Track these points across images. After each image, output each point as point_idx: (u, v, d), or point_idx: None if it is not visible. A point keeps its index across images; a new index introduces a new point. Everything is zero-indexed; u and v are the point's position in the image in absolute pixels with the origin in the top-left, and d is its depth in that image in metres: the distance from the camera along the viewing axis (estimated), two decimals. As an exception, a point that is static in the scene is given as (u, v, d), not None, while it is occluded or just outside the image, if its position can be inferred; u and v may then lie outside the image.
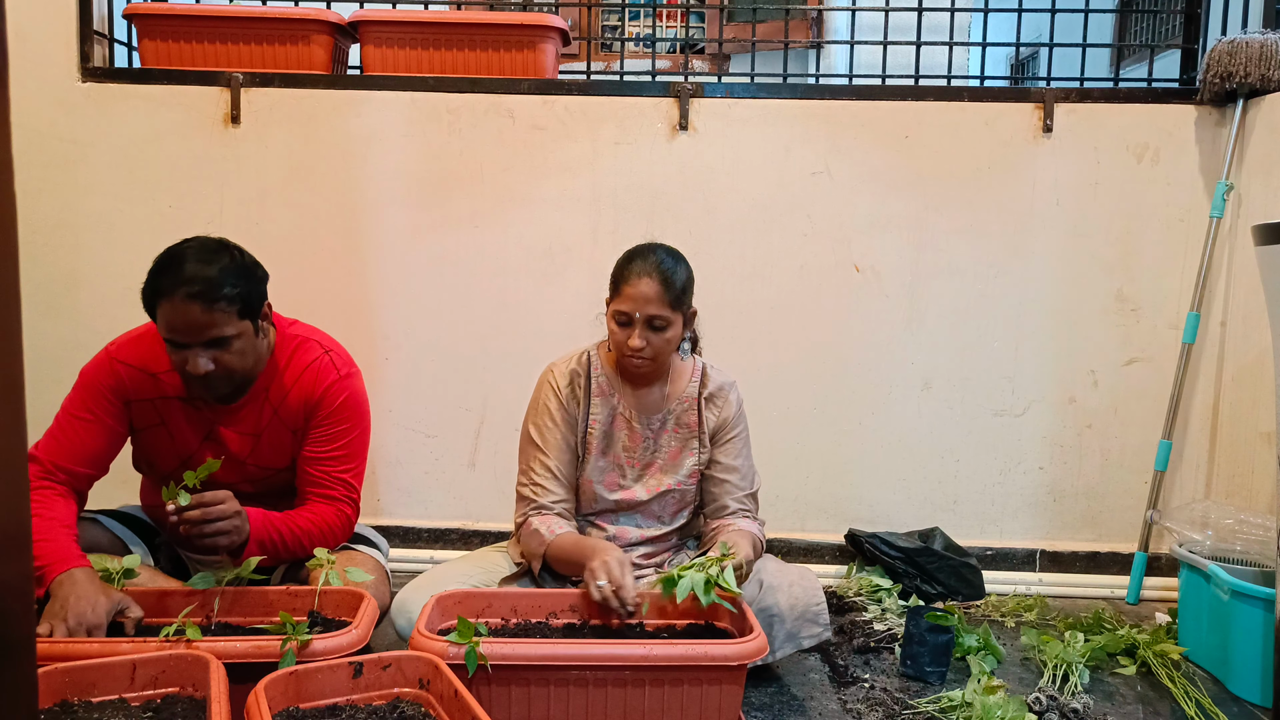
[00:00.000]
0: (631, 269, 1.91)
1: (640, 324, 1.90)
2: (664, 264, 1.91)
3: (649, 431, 2.05)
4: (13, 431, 0.71)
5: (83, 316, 2.62)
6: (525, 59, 2.71)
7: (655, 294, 1.88)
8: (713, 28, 5.17)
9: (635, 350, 1.91)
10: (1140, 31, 7.52)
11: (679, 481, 2.05)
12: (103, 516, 2.05)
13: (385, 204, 2.70)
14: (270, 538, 1.83)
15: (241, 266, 1.83)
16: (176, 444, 1.95)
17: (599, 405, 2.03)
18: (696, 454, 2.06)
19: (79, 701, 1.42)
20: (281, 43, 2.70)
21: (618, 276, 1.94)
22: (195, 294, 1.73)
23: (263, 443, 1.96)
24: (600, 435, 2.03)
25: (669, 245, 1.99)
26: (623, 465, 2.05)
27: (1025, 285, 2.69)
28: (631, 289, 1.89)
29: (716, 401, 2.06)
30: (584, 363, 2.05)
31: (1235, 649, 2.07)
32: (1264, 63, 2.47)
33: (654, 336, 1.91)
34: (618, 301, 1.92)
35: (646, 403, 2.05)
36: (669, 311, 1.90)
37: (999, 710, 1.82)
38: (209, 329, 1.76)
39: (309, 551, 1.85)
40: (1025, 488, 2.76)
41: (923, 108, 2.66)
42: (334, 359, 1.98)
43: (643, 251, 1.95)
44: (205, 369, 1.78)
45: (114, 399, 1.90)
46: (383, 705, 1.47)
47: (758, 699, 1.96)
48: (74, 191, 2.67)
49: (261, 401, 1.94)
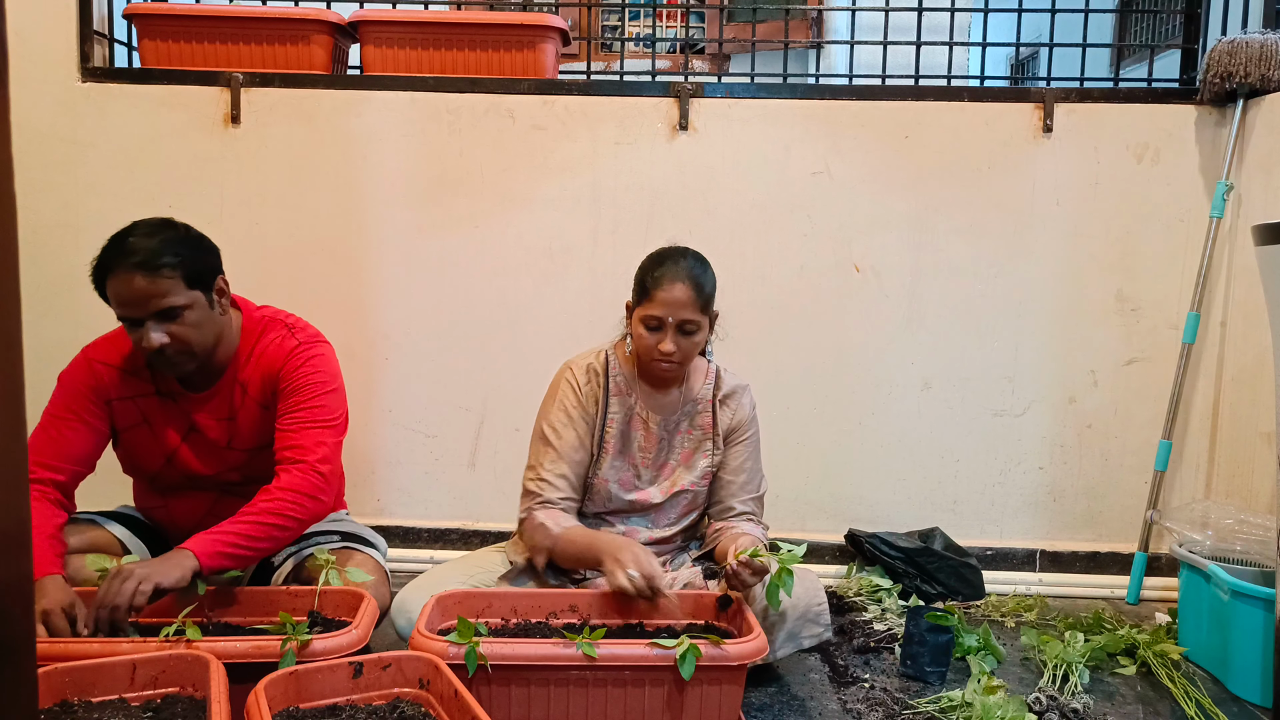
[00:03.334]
0: (663, 274, 1.90)
1: (672, 329, 1.90)
2: (694, 269, 1.92)
3: (664, 432, 2.05)
4: (13, 431, 0.71)
5: (83, 316, 2.62)
6: (525, 59, 2.71)
7: (688, 299, 1.89)
8: (713, 28, 5.17)
9: (667, 355, 1.91)
10: (1140, 31, 7.52)
11: (692, 482, 2.05)
12: (102, 517, 2.05)
13: (385, 204, 2.70)
14: (227, 548, 1.75)
15: (186, 238, 1.85)
16: (159, 440, 1.96)
17: (616, 405, 2.03)
18: (710, 455, 2.06)
19: (79, 701, 1.42)
20: (281, 43, 2.70)
21: (647, 281, 1.92)
22: (137, 264, 1.76)
23: (238, 423, 1.96)
24: (617, 435, 2.03)
25: (693, 249, 1.99)
26: (638, 466, 2.05)
27: (1025, 285, 2.69)
28: (665, 294, 1.88)
29: (730, 404, 2.07)
30: (602, 362, 2.05)
31: (1235, 649, 2.07)
32: (1264, 63, 2.47)
33: (684, 341, 1.92)
34: (648, 306, 1.91)
35: (663, 404, 2.05)
36: (700, 315, 1.91)
37: (999, 710, 1.82)
38: (155, 298, 1.77)
39: (290, 528, 1.82)
40: (1025, 488, 2.76)
41: (923, 108, 2.66)
42: (295, 332, 1.99)
43: (672, 255, 1.95)
44: (159, 342, 1.79)
45: (94, 398, 1.91)
46: (383, 705, 1.47)
47: (758, 699, 1.96)
48: (74, 191, 2.67)
49: (232, 385, 1.95)
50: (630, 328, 1.99)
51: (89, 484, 1.97)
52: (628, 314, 2.01)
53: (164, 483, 2.02)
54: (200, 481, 2.01)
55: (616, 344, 2.09)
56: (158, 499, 2.06)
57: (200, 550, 1.72)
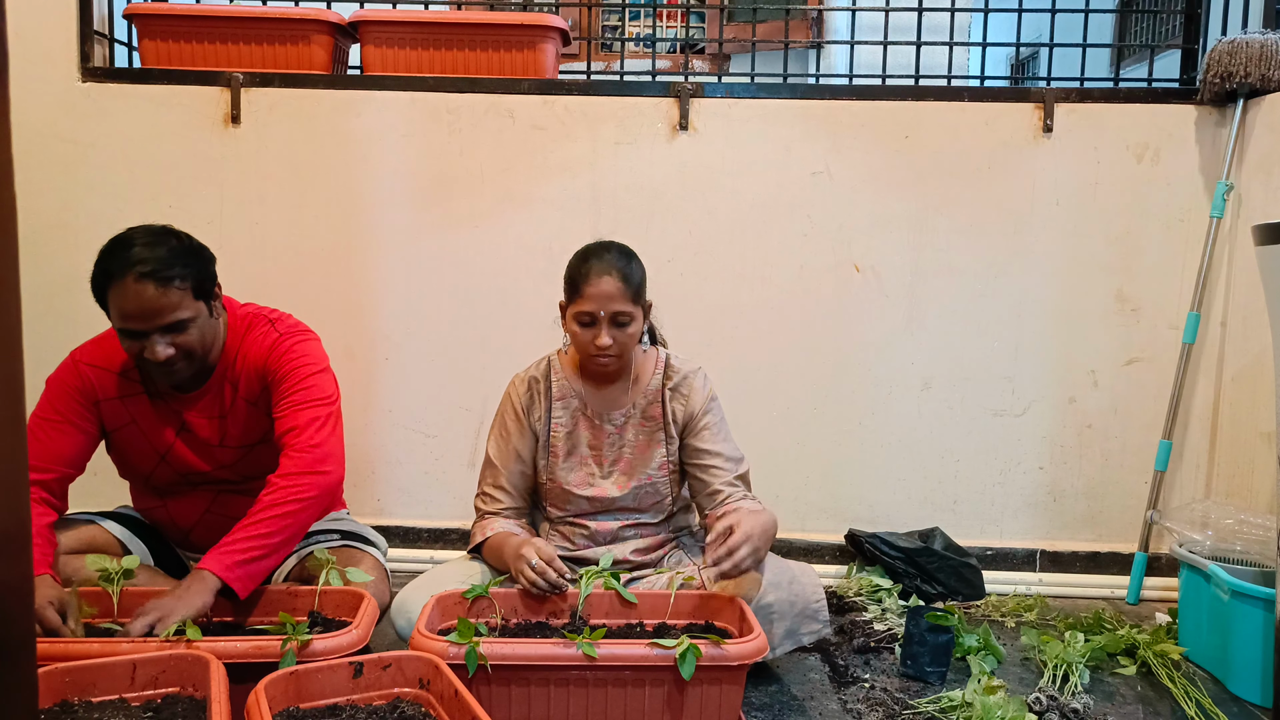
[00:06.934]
0: (589, 269, 1.93)
1: (605, 322, 1.92)
2: (619, 261, 1.95)
3: (613, 428, 2.06)
4: (13, 432, 0.71)
5: (83, 316, 2.61)
6: (525, 59, 2.71)
7: (617, 290, 1.91)
8: (713, 28, 5.18)
9: (603, 349, 1.93)
10: (1140, 31, 7.52)
11: (649, 475, 2.06)
12: (101, 517, 2.05)
13: (385, 204, 2.70)
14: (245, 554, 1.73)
15: (189, 248, 1.84)
16: (151, 441, 1.96)
17: (560, 408, 2.06)
18: (664, 445, 2.06)
19: (79, 701, 1.42)
20: (281, 43, 2.70)
21: (575, 278, 1.95)
22: (147, 274, 1.74)
23: (228, 422, 1.96)
24: (564, 437, 2.05)
25: (617, 241, 2.02)
26: (590, 463, 2.07)
27: (1025, 285, 2.69)
28: (593, 288, 1.91)
29: (682, 390, 2.07)
30: (543, 369, 2.09)
31: (1235, 649, 2.07)
32: (1264, 63, 2.47)
33: (619, 333, 1.94)
34: (579, 303, 1.93)
35: (609, 400, 2.07)
36: (631, 306, 1.94)
37: (999, 710, 1.82)
38: (165, 311, 1.76)
39: (305, 510, 1.80)
40: (1025, 488, 2.76)
41: (923, 108, 2.66)
42: (277, 325, 1.99)
43: (595, 251, 1.97)
44: (165, 355, 1.78)
45: (82, 400, 1.91)
46: (383, 705, 1.47)
47: (758, 699, 1.96)
48: (74, 191, 2.67)
49: (221, 383, 1.95)
50: (566, 327, 2.01)
51: (88, 485, 1.97)
52: (562, 314, 2.02)
53: (159, 483, 2.02)
54: (195, 480, 2.01)
55: (559, 349, 2.11)
56: (155, 500, 2.06)
57: (218, 567, 1.70)
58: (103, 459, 2.00)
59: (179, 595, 1.66)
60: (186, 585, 1.68)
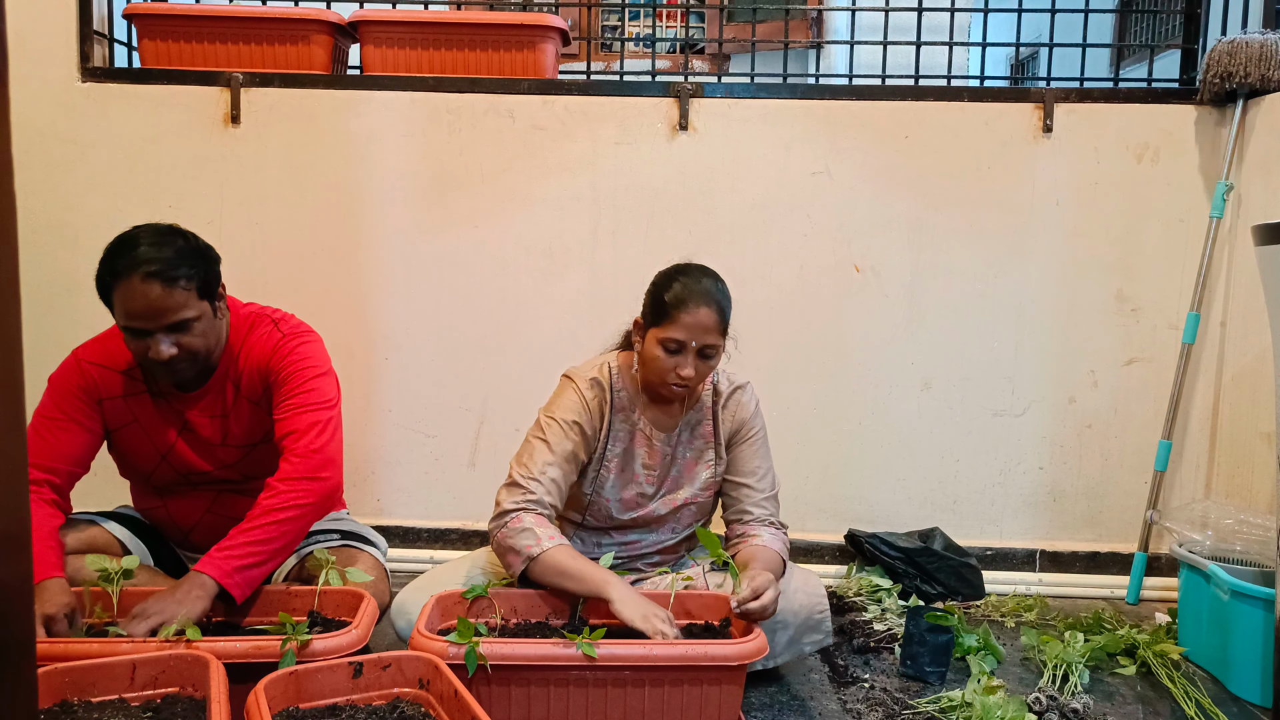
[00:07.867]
0: (688, 296, 1.82)
1: (693, 353, 1.84)
2: (718, 292, 1.86)
3: (667, 448, 2.00)
4: (13, 431, 0.71)
5: (82, 316, 2.62)
6: (525, 59, 2.71)
7: (713, 323, 1.83)
8: (713, 28, 5.18)
9: (686, 380, 1.85)
10: (1140, 31, 7.52)
11: (695, 495, 2.01)
12: (101, 517, 2.05)
13: (385, 204, 2.70)
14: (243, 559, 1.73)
15: (195, 248, 1.84)
16: (153, 439, 1.96)
17: (619, 422, 1.97)
18: (713, 466, 2.02)
19: (79, 701, 1.42)
20: (281, 43, 2.70)
21: (668, 302, 1.83)
22: (153, 273, 1.74)
23: (230, 421, 1.96)
24: (620, 454, 1.98)
25: (708, 267, 1.93)
26: (643, 483, 2.00)
27: (1025, 285, 2.69)
28: (690, 318, 1.81)
29: (730, 406, 2.01)
30: (606, 375, 1.97)
31: (1235, 649, 2.07)
32: (1264, 63, 2.47)
33: (703, 365, 1.86)
34: (669, 329, 1.82)
35: (664, 418, 2.01)
36: (721, 339, 1.86)
37: (999, 710, 1.82)
38: (171, 311, 1.76)
39: (301, 516, 1.80)
40: (1025, 488, 2.76)
41: (923, 108, 2.66)
42: (280, 326, 1.98)
43: (693, 274, 1.87)
44: (169, 354, 1.78)
45: (85, 398, 1.91)
46: (383, 705, 1.47)
47: (758, 699, 1.96)
48: (74, 191, 2.67)
49: (224, 382, 1.95)
50: (642, 347, 1.91)
51: (88, 485, 1.97)
52: (638, 332, 1.93)
53: (160, 482, 2.02)
54: (197, 480, 2.01)
55: (619, 356, 2.02)
56: (155, 499, 2.06)
57: (217, 572, 1.70)
58: (103, 458, 2.00)
59: (178, 598, 1.66)
60: (185, 588, 1.68)
